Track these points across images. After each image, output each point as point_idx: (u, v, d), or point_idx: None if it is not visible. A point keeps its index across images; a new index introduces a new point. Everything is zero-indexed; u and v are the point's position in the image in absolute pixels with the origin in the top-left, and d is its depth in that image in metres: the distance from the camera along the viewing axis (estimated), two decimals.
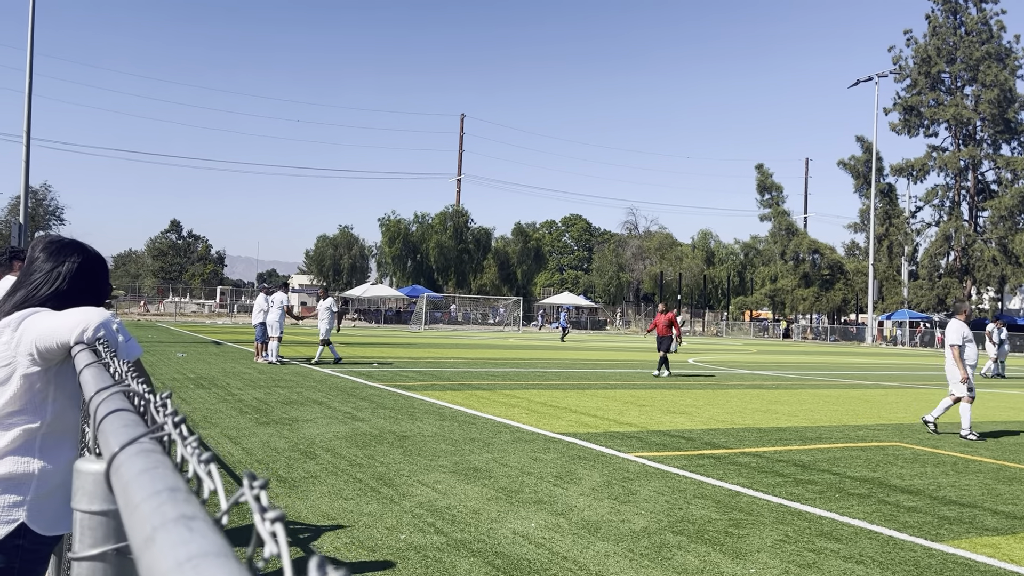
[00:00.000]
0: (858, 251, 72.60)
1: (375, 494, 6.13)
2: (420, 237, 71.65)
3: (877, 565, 4.88)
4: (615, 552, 4.90)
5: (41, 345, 2.20)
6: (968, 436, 10.50)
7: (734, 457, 8.42)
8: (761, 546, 5.16)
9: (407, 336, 39.49)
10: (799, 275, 68.58)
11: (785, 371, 23.24)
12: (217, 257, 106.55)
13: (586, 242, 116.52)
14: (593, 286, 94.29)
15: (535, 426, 9.99)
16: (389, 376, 16.11)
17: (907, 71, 64.84)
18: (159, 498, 0.51)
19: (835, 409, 13.43)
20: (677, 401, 13.64)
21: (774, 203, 69.47)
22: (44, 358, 2.23)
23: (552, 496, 6.29)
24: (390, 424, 9.69)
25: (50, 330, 2.20)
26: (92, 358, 1.66)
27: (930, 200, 65.29)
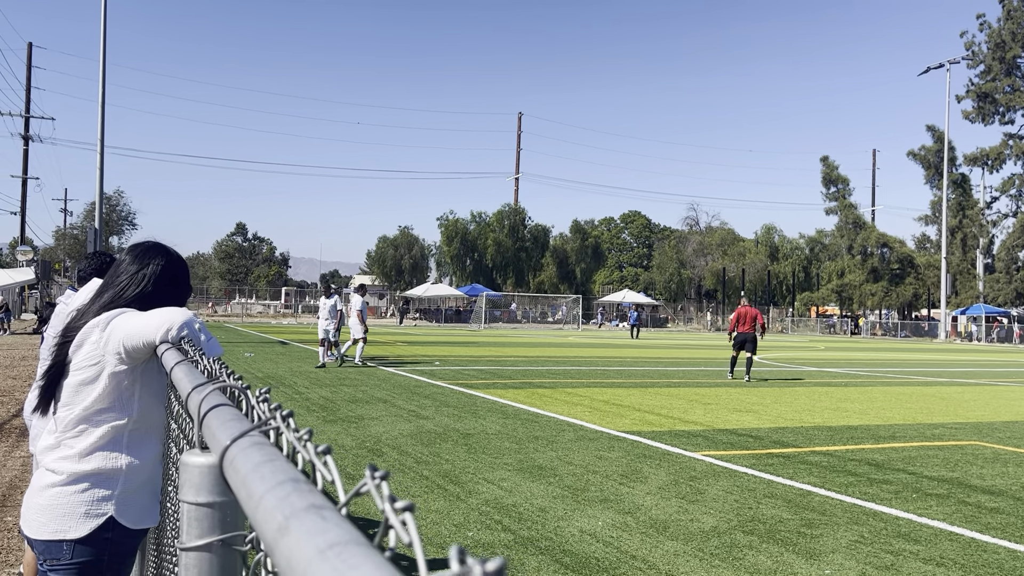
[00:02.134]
0: (929, 244, 70.31)
1: (442, 491, 6.18)
2: (478, 236, 72.00)
3: (959, 568, 4.72)
4: (684, 551, 4.85)
5: (128, 344, 2.27)
6: None
7: (804, 456, 8.25)
8: (836, 547, 5.04)
9: (467, 335, 39.72)
10: (867, 270, 66.75)
11: (854, 368, 22.65)
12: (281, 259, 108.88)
13: (646, 239, 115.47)
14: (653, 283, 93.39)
15: (598, 424, 9.95)
16: (451, 375, 16.23)
17: (980, 57, 62.50)
18: (284, 489, 0.52)
19: (908, 407, 13.04)
20: (743, 399, 13.42)
21: (840, 196, 67.79)
22: (131, 357, 2.30)
23: (618, 495, 6.25)
24: (454, 422, 9.76)
25: (137, 329, 2.27)
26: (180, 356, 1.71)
27: (1007, 190, 62.78)
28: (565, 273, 75.87)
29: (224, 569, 0.92)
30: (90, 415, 2.33)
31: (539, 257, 74.93)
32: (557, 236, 77.59)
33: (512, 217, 72.84)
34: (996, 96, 61.50)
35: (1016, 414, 12.53)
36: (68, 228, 67.10)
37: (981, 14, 63.62)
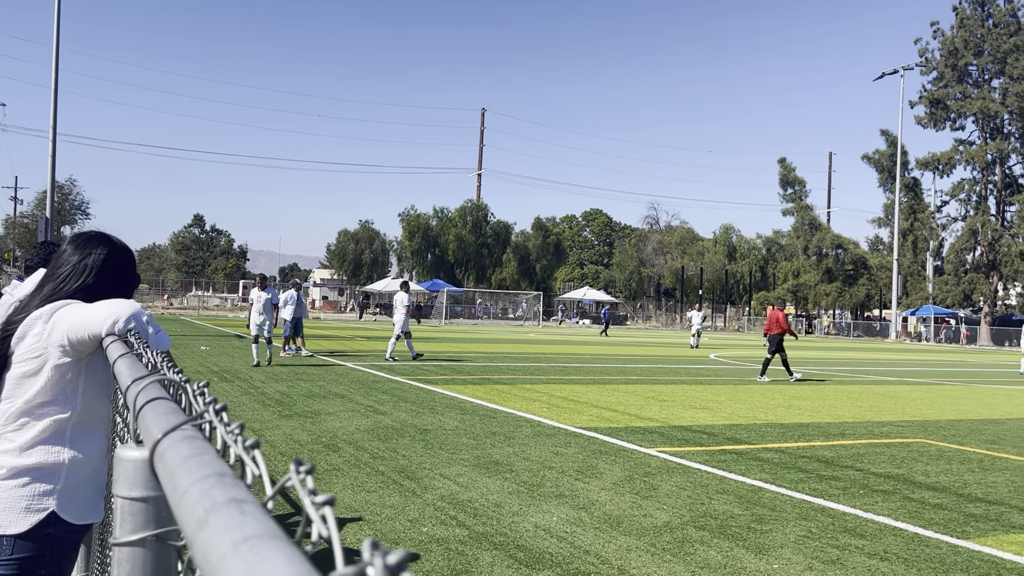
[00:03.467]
0: (882, 246, 71.87)
1: (397, 487, 6.16)
2: (440, 231, 71.81)
3: (902, 562, 4.84)
4: (637, 546, 4.90)
5: (73, 336, 2.23)
6: None
7: (756, 453, 8.38)
8: (784, 542, 5.14)
9: (428, 330, 39.61)
10: (822, 270, 67.99)
11: (807, 367, 23.07)
12: (239, 251, 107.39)
13: (606, 237, 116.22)
14: (614, 281, 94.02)
15: (556, 420, 10.00)
16: (410, 370, 16.17)
17: (933, 64, 63.97)
18: (208, 482, 0.52)
19: (859, 405, 13.32)
20: (699, 397, 13.59)
21: (797, 197, 68.92)
22: (76, 349, 2.26)
23: (574, 490, 6.29)
24: (412, 417, 9.73)
25: (82, 322, 2.23)
26: (124, 349, 1.69)
27: (956, 194, 64.39)
28: (526, 270, 76.02)
29: (158, 565, 0.91)
30: (32, 408, 2.29)
31: (501, 253, 74.98)
32: (519, 233, 77.72)
33: (474, 213, 72.76)
34: (948, 102, 62.99)
35: (960, 413, 12.88)
36: (18, 217, 65.41)
37: (935, 22, 65.09)
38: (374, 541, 0.39)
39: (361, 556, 0.39)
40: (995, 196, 62.81)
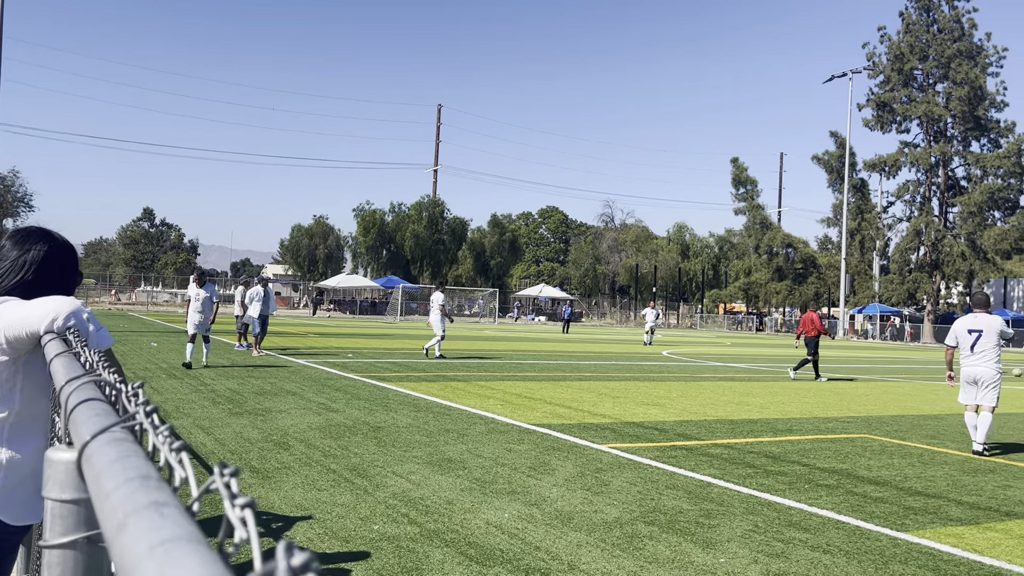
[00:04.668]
0: (831, 245, 73.41)
1: (349, 485, 6.13)
2: (395, 227, 71.40)
3: (843, 554, 4.97)
4: (587, 542, 4.95)
5: (10, 335, 2.18)
6: None
7: (706, 448, 8.51)
8: (731, 536, 5.24)
9: (383, 327, 39.38)
10: (772, 269, 69.22)
11: (758, 363, 23.48)
12: (190, 246, 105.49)
13: (562, 234, 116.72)
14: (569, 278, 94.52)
15: (510, 417, 10.03)
16: (364, 367, 16.07)
17: (880, 68, 65.51)
18: (131, 486, 0.52)
19: (806, 401, 13.61)
20: (651, 393, 13.75)
21: (749, 197, 70.01)
22: (13, 348, 2.21)
23: (526, 487, 6.33)
24: (364, 415, 9.68)
25: (19, 319, 2.18)
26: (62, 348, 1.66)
27: (901, 195, 66.09)
28: (482, 266, 76.00)
29: (89, 567, 0.90)
30: None
31: (457, 250, 74.83)
32: (475, 229, 77.68)
33: (431, 209, 72.49)
34: (894, 106, 64.58)
35: (903, 408, 13.24)
36: None
37: (882, 26, 66.67)
38: (289, 543, 0.40)
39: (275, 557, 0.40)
40: (938, 197, 64.62)
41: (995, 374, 9.00)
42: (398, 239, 71.29)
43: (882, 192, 67.27)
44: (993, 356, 9.01)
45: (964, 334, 9.26)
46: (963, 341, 9.27)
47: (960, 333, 9.33)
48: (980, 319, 9.20)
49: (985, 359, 9.04)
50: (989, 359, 9.02)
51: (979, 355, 9.08)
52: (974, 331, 9.17)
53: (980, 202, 60.36)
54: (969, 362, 9.18)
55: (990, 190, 60.42)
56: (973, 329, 9.18)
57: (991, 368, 9.00)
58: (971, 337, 9.17)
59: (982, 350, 9.06)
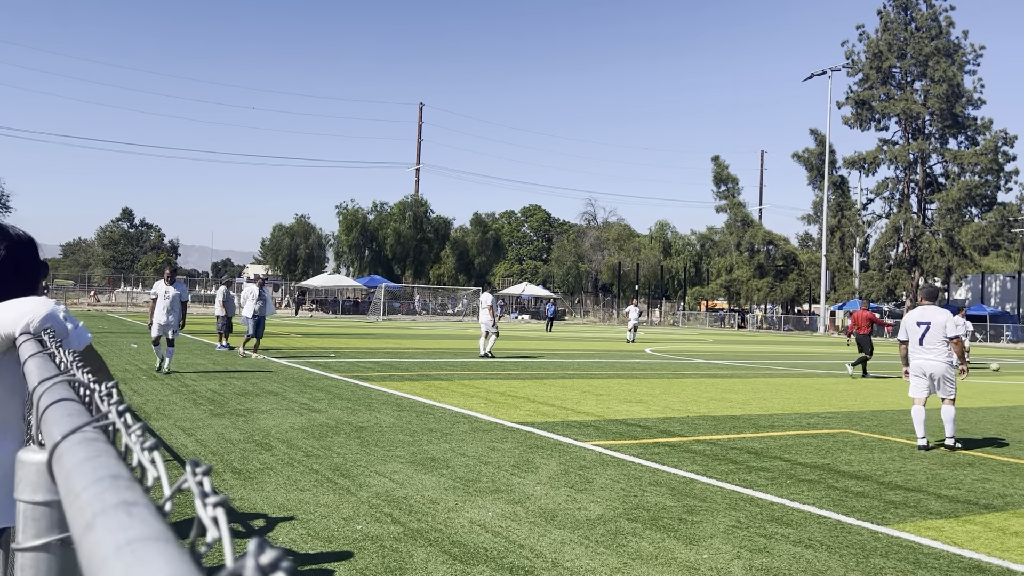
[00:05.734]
0: (811, 242, 73.93)
1: (331, 485, 6.10)
2: (378, 226, 71.16)
3: (825, 549, 5.00)
4: (571, 539, 4.95)
5: None
6: None
7: (689, 445, 8.55)
8: (714, 532, 5.26)
9: (365, 326, 39.24)
10: (754, 266, 69.63)
11: (740, 360, 23.61)
12: (170, 246, 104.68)
13: (545, 232, 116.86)
14: (552, 276, 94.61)
15: (493, 416, 10.02)
16: (347, 367, 16.01)
17: (859, 66, 66.05)
18: (100, 485, 0.51)
19: (787, 397, 13.69)
20: (634, 390, 13.79)
21: (730, 195, 70.37)
22: None
23: (509, 485, 6.32)
24: (347, 415, 9.64)
25: None
26: (37, 348, 1.63)
27: (880, 192, 66.71)
28: (465, 265, 75.91)
29: (63, 571, 0.89)
30: None
31: (440, 249, 74.69)
32: (458, 228, 77.57)
33: (414, 208, 72.30)
34: (873, 103, 65.14)
35: (882, 404, 13.35)
36: None
37: (860, 25, 67.24)
38: (261, 540, 0.39)
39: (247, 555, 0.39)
40: (917, 194, 65.25)
41: (946, 367, 8.83)
42: (380, 238, 71.07)
43: (862, 189, 67.88)
44: (943, 348, 8.84)
45: (913, 327, 9.08)
46: (912, 334, 9.09)
47: (909, 326, 9.14)
48: (929, 312, 9.03)
49: (935, 352, 8.88)
50: (938, 352, 8.86)
51: (928, 348, 8.92)
52: (923, 323, 8.99)
53: (958, 199, 61.02)
54: (918, 355, 9.01)
55: (967, 187, 61.08)
56: (922, 322, 9.00)
57: (941, 361, 8.83)
58: (920, 330, 8.99)
59: (931, 343, 8.89)
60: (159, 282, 13.84)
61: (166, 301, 13.61)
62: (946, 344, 8.81)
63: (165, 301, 13.61)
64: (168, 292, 13.63)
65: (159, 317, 13.64)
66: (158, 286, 13.75)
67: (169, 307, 13.63)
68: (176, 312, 13.77)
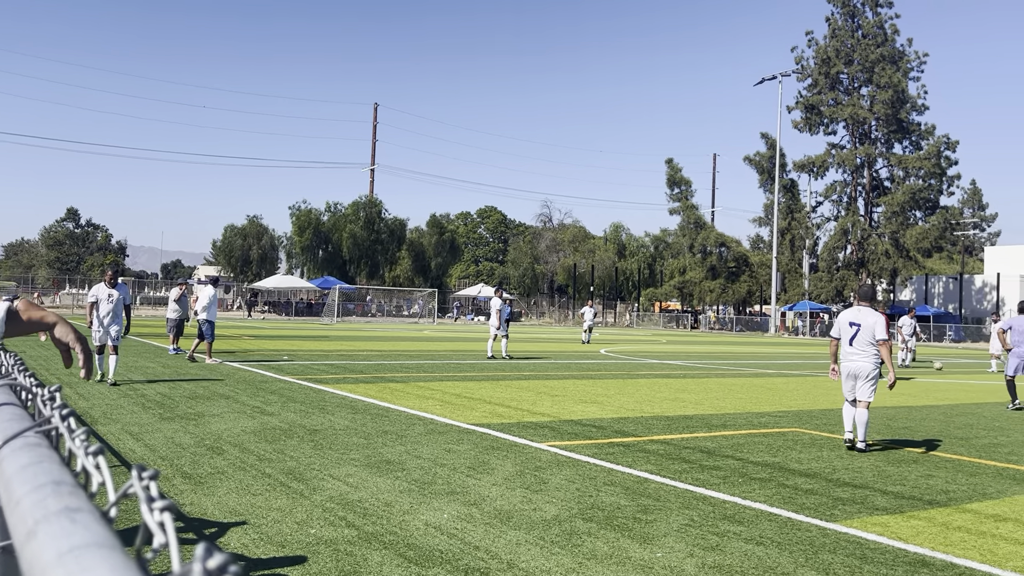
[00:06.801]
0: (762, 244, 75.22)
1: (285, 489, 6.03)
2: (332, 227, 70.48)
3: (776, 546, 5.09)
4: (526, 540, 4.96)
5: None
6: None
7: (643, 445, 8.63)
8: (668, 531, 5.32)
9: (319, 328, 38.83)
10: (706, 267, 70.57)
11: (693, 360, 23.90)
12: (118, 247, 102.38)
13: (501, 234, 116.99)
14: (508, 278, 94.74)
15: (449, 418, 10.00)
16: (300, 369, 15.82)
17: (808, 71, 67.40)
18: (42, 492, 0.50)
19: (739, 397, 13.91)
20: (589, 391, 13.87)
21: (683, 197, 71.24)
22: None
23: (465, 487, 6.31)
24: (301, 418, 9.53)
25: None
26: None
27: (829, 196, 68.16)
28: (421, 267, 75.59)
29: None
30: None
31: (395, 250, 74.27)
32: (414, 230, 77.21)
33: (368, 209, 71.76)
34: (821, 108, 66.54)
35: (832, 402, 13.63)
36: None
37: (810, 31, 68.66)
38: (208, 545, 0.39)
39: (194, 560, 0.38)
40: (864, 198, 66.83)
41: (873, 369, 8.77)
42: (335, 239, 70.39)
43: (811, 192, 69.27)
44: (872, 351, 8.77)
45: (846, 327, 8.98)
46: (844, 334, 8.99)
47: (842, 326, 9.04)
48: (862, 313, 8.93)
49: (863, 353, 8.80)
50: (867, 353, 8.78)
51: (858, 349, 8.82)
52: (855, 324, 8.89)
53: (902, 202, 62.63)
54: (848, 355, 8.93)
55: (912, 191, 62.73)
56: (854, 323, 8.91)
57: (869, 362, 8.76)
58: (851, 330, 8.90)
59: (860, 344, 8.80)
60: (99, 285, 12.70)
61: (110, 305, 12.47)
62: (874, 346, 8.78)
63: (109, 305, 12.47)
64: (112, 295, 12.51)
65: (103, 322, 12.52)
66: (99, 289, 12.60)
67: (113, 311, 12.53)
68: (120, 317, 12.69)
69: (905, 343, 25.59)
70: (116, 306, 12.52)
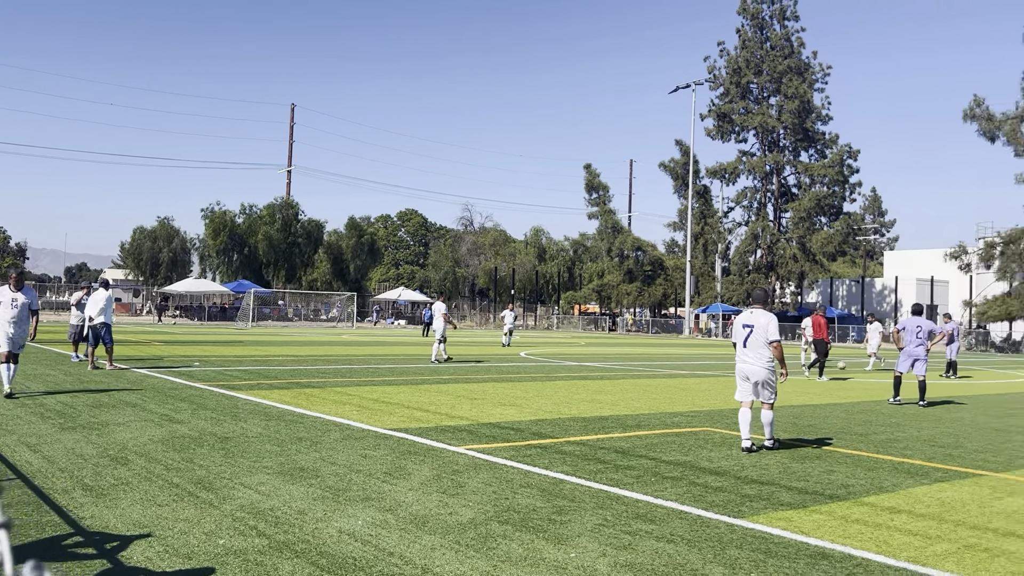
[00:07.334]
0: (677, 248, 77.05)
1: (193, 499, 5.84)
2: (247, 230, 68.77)
3: (686, 543, 5.21)
4: (441, 545, 4.95)
5: None
6: None
7: (560, 446, 8.71)
8: (582, 531, 5.38)
9: (233, 333, 37.81)
10: (624, 271, 71.79)
11: (610, 362, 24.27)
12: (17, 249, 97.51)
13: (422, 237, 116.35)
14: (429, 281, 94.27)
15: (366, 423, 9.88)
16: (212, 376, 15.38)
17: (721, 80, 69.39)
18: None
19: (654, 397, 14.19)
20: (508, 393, 13.92)
21: (601, 202, 72.30)
22: None
23: (380, 492, 6.25)
24: (212, 426, 9.26)
25: None
26: None
27: (740, 201, 70.30)
28: (339, 270, 74.47)
29: None
30: None
31: (312, 253, 72.97)
32: (332, 232, 76.02)
33: (285, 211, 70.29)
34: (733, 117, 68.58)
35: None
36: None
37: (721, 42, 70.70)
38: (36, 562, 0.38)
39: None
40: (773, 203, 69.16)
41: (767, 372, 8.78)
42: (250, 242, 68.68)
43: (723, 198, 71.28)
44: (764, 353, 8.75)
45: (739, 329, 8.95)
46: (738, 337, 8.96)
47: (737, 329, 9.02)
48: (755, 315, 8.89)
49: (757, 355, 8.78)
50: (761, 355, 8.76)
51: (751, 351, 8.81)
52: (747, 326, 8.87)
53: (809, 208, 65.10)
54: (742, 358, 8.91)
55: (817, 197, 65.27)
56: (747, 324, 8.88)
57: (762, 367, 8.76)
58: (745, 332, 8.87)
59: (754, 346, 8.78)
60: (3, 288, 11.75)
61: (14, 310, 11.55)
62: (768, 347, 8.80)
63: (12, 310, 11.54)
64: (16, 300, 11.59)
65: (4, 329, 11.52)
66: (2, 292, 11.64)
67: (17, 317, 11.58)
68: (26, 323, 11.77)
69: (808, 343, 26.62)
70: (21, 311, 11.64)
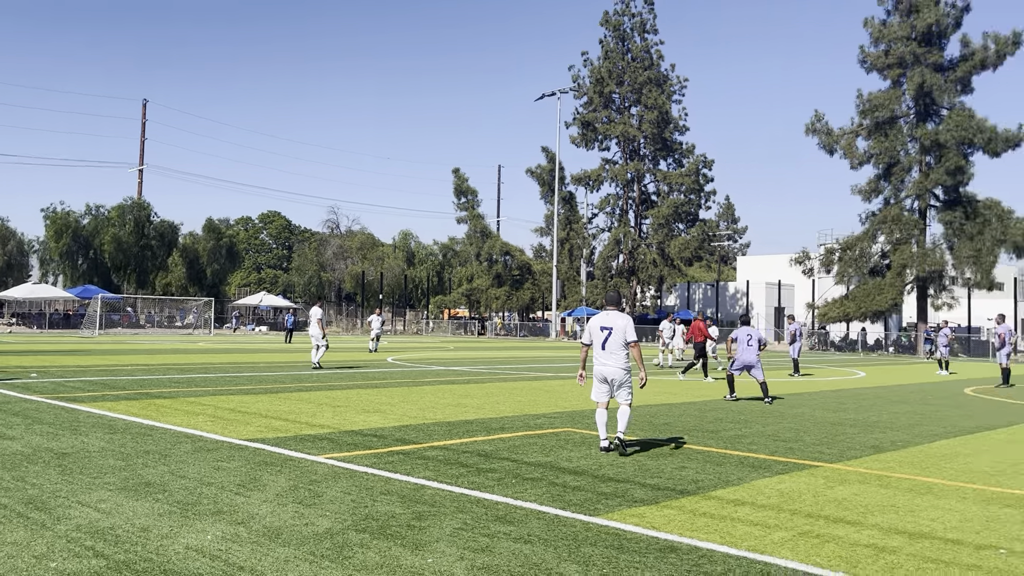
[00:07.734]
0: (544, 253, 78.46)
1: (23, 520, 5.43)
2: (94, 232, 64.67)
3: (542, 543, 5.31)
4: (295, 556, 4.82)
5: None
6: None
7: (423, 452, 8.68)
8: (440, 536, 5.38)
9: (77, 342, 35.44)
10: (492, 275, 72.43)
11: (477, 366, 24.41)
12: None
13: (286, 240, 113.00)
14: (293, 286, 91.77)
15: (220, 434, 9.50)
16: (51, 387, 14.35)
17: (584, 89, 71.30)
18: None
19: (519, 400, 14.38)
20: (372, 400, 13.74)
21: (470, 207, 72.66)
22: None
23: (233, 505, 6.02)
24: (47, 441, 8.64)
25: None
26: None
27: (603, 208, 72.45)
28: (196, 274, 71.21)
29: None
30: None
31: (166, 256, 69.49)
32: (188, 234, 72.63)
33: (135, 212, 66.57)
34: (596, 125, 70.60)
35: None
36: None
37: (585, 52, 72.82)
38: None
39: None
40: (634, 210, 71.69)
41: (625, 373, 8.88)
42: (97, 245, 64.61)
43: (588, 204, 73.27)
44: (622, 354, 8.86)
45: (597, 331, 8.99)
46: (595, 338, 8.99)
47: (593, 331, 9.05)
48: (612, 317, 8.99)
49: (616, 356, 8.87)
50: (619, 356, 8.87)
51: (609, 353, 8.87)
52: (605, 328, 8.93)
53: (667, 215, 67.90)
54: (600, 360, 8.96)
55: (675, 204, 68.19)
56: (605, 327, 8.95)
57: (620, 368, 8.85)
58: (603, 335, 8.93)
59: (613, 348, 8.86)
60: None
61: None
62: (626, 349, 8.97)
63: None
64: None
65: None
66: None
67: None
68: None
69: (666, 345, 27.89)
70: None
